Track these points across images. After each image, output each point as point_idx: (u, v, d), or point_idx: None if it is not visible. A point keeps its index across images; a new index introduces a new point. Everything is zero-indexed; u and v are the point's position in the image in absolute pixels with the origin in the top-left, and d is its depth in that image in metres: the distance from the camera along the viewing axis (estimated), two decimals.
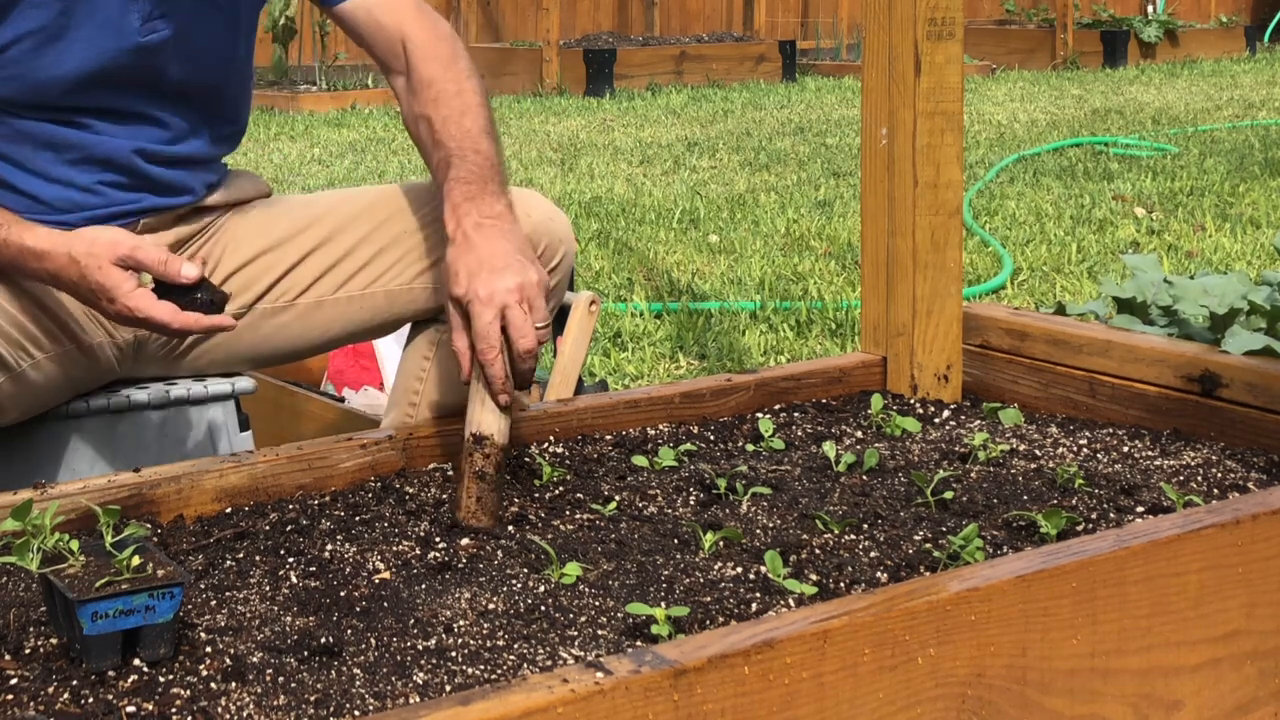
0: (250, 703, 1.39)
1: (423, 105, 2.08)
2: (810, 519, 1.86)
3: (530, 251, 1.96)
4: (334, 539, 1.80)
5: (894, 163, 2.40)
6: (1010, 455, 2.12)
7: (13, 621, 1.54)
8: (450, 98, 2.07)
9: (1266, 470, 2.06)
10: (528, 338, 1.88)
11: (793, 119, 8.94)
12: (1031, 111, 9.11)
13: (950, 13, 2.37)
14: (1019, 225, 5.53)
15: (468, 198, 1.98)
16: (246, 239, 2.19)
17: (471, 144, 2.03)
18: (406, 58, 2.12)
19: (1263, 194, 6.08)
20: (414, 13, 2.15)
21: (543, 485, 1.99)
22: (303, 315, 2.19)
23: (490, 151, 2.03)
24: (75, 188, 2.03)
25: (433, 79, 2.09)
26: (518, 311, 1.88)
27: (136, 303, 1.87)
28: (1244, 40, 13.44)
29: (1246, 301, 2.69)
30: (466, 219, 1.96)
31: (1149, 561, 1.61)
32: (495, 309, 1.88)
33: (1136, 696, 1.62)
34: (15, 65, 1.96)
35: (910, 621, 1.45)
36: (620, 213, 5.84)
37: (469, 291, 1.89)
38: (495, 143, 2.06)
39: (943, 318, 2.43)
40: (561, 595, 1.63)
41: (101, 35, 1.98)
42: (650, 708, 1.30)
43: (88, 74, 1.99)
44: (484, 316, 1.88)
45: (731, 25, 12.75)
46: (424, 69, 2.10)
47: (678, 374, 3.76)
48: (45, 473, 2.09)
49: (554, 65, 10.33)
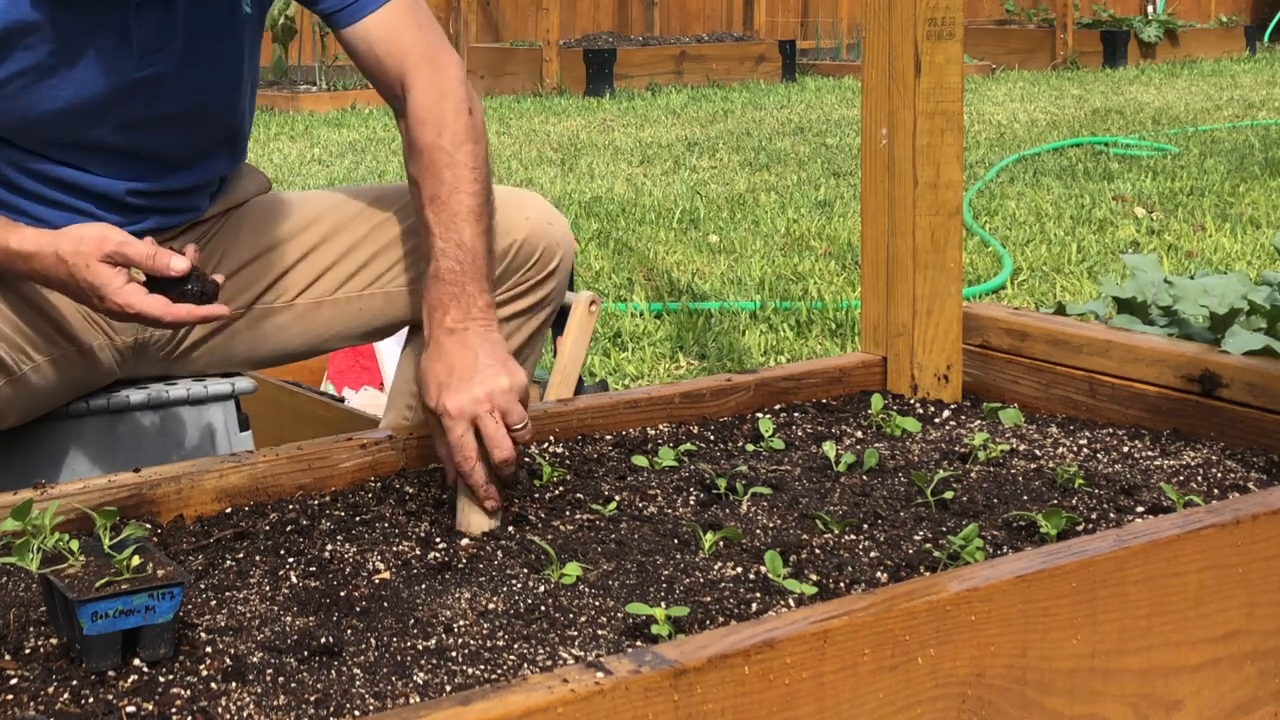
0: (250, 703, 1.39)
1: (415, 169, 2.01)
2: (810, 519, 1.86)
3: (504, 352, 1.91)
4: (334, 539, 1.80)
5: (894, 163, 2.40)
6: (1010, 455, 2.12)
7: (13, 621, 1.54)
8: (441, 170, 1.98)
9: (1266, 470, 2.06)
10: (502, 448, 1.84)
11: (793, 119, 8.94)
12: (1031, 111, 9.11)
13: (950, 13, 2.37)
14: (1019, 225, 5.53)
15: (445, 299, 1.92)
16: (246, 239, 2.19)
17: (455, 235, 1.94)
18: (405, 105, 2.04)
19: (1263, 194, 6.08)
20: (417, 59, 2.04)
21: (543, 485, 1.99)
22: (302, 315, 2.19)
23: (475, 243, 1.95)
24: (78, 213, 2.02)
25: (425, 146, 1.99)
26: (489, 421, 1.84)
27: (127, 299, 1.86)
28: (1244, 40, 13.44)
29: (1246, 301, 2.69)
30: (440, 324, 1.91)
31: (1149, 561, 1.61)
32: (465, 422, 1.84)
33: (1136, 696, 1.62)
34: (11, 101, 1.94)
35: (910, 621, 1.45)
36: (620, 213, 5.84)
37: (439, 405, 1.86)
38: (483, 222, 1.97)
39: (943, 318, 2.43)
40: (561, 595, 1.63)
41: (96, 71, 1.95)
42: (650, 708, 1.30)
43: (81, 109, 1.96)
44: (455, 430, 1.84)
45: (731, 25, 12.75)
46: (418, 132, 2.01)
47: (678, 374, 3.76)
48: (45, 473, 2.09)
49: (554, 65, 10.33)
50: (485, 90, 10.46)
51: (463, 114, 2.01)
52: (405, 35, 2.04)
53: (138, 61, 1.97)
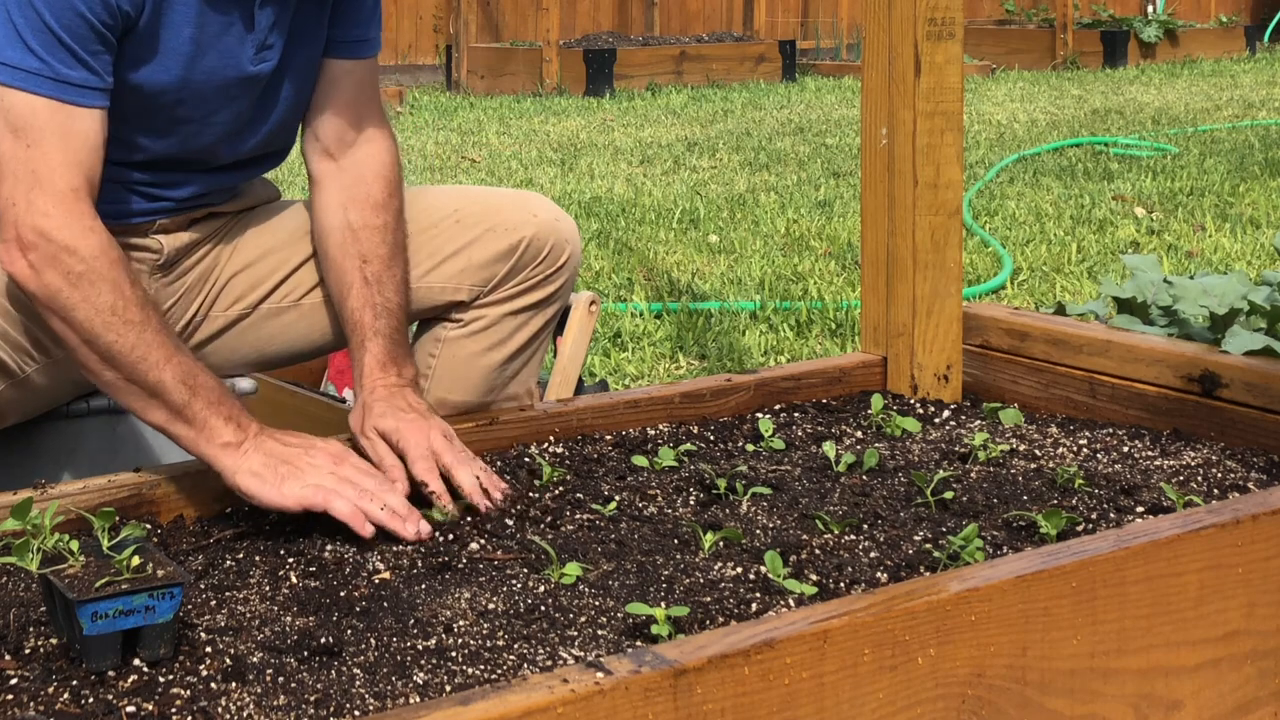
0: (250, 703, 1.39)
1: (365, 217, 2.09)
2: (810, 519, 1.86)
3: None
4: (334, 539, 1.80)
5: (894, 163, 2.40)
6: (1010, 455, 2.12)
7: (13, 621, 1.54)
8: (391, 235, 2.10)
9: (1266, 470, 2.06)
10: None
11: (793, 119, 8.94)
12: (1031, 111, 9.11)
13: (950, 13, 2.37)
14: (1019, 225, 5.53)
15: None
16: (252, 238, 2.19)
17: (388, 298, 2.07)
18: (346, 165, 2.12)
19: (1263, 194, 6.08)
20: (381, 115, 2.15)
21: (543, 485, 1.99)
22: (307, 315, 2.20)
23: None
24: (117, 168, 1.99)
25: (382, 202, 2.10)
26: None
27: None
28: (1244, 40, 13.44)
29: (1246, 301, 2.69)
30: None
31: (1149, 561, 1.61)
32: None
33: (1136, 696, 1.62)
34: (132, 71, 1.91)
35: (910, 621, 1.45)
36: (620, 213, 5.84)
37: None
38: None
39: (943, 318, 2.43)
40: (561, 595, 1.63)
41: (221, 60, 1.96)
42: (650, 708, 1.30)
43: (199, 92, 1.96)
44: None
45: (731, 25, 12.75)
46: (373, 186, 2.10)
47: (678, 374, 3.76)
48: (45, 473, 2.09)
49: (554, 65, 10.33)
50: (485, 90, 10.47)
51: (400, 199, 2.14)
52: (375, 87, 2.17)
53: (253, 56, 1.98)
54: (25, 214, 1.80)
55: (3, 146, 1.82)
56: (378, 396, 1.98)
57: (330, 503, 1.79)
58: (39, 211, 1.80)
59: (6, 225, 1.82)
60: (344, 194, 2.10)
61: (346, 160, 2.12)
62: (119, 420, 2.15)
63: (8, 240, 1.82)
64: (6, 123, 1.81)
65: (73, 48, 1.80)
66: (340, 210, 2.09)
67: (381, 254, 2.07)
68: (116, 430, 2.15)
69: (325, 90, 2.12)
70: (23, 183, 1.81)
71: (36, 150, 1.81)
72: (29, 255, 1.80)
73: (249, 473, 1.81)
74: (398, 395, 1.99)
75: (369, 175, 2.11)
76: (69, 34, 1.80)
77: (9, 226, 1.81)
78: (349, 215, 2.08)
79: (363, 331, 2.04)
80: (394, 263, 2.08)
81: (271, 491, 1.80)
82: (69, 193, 1.81)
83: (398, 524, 1.80)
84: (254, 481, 1.80)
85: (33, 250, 1.80)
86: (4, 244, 1.82)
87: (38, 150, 1.81)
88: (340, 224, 2.09)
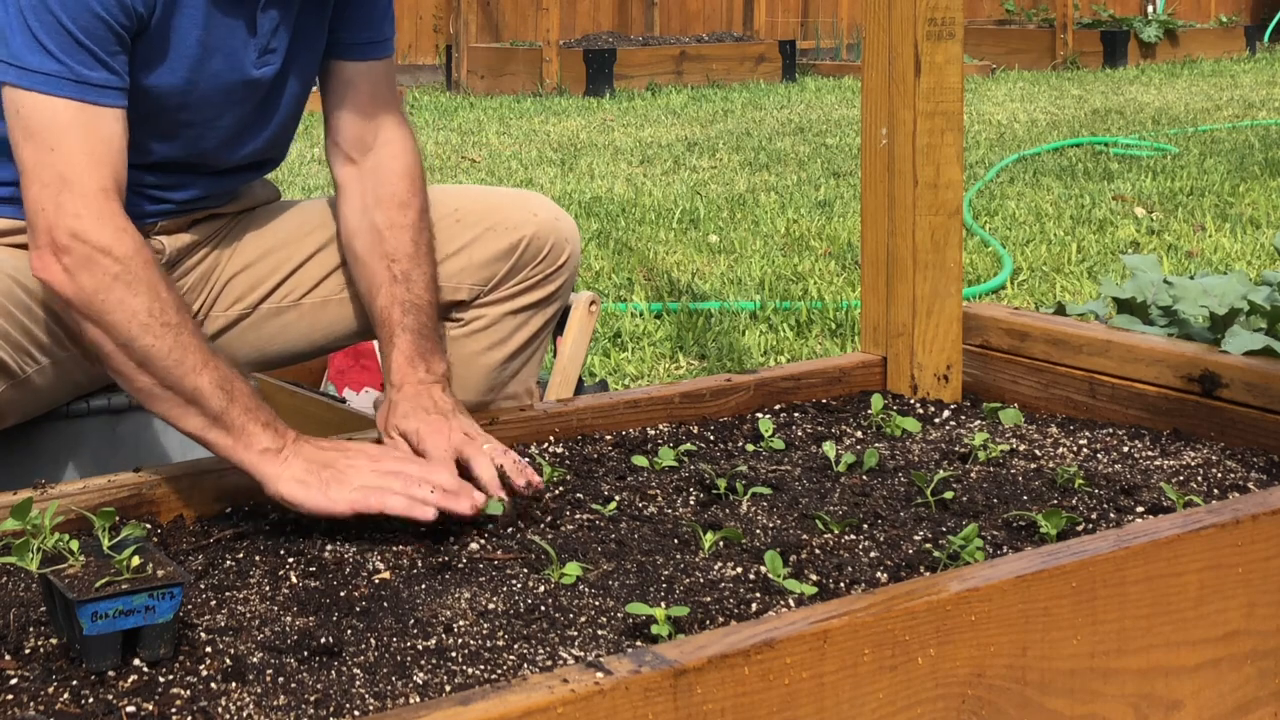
0: (250, 703, 1.39)
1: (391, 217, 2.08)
2: (810, 519, 1.86)
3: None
4: (334, 539, 1.80)
5: (894, 163, 2.40)
6: (1010, 455, 2.12)
7: (13, 621, 1.54)
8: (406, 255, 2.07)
9: (1266, 470, 2.06)
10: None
11: (793, 119, 8.94)
12: (1031, 111, 9.11)
13: (950, 13, 2.37)
14: (1019, 225, 5.53)
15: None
16: (253, 238, 2.19)
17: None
18: (367, 168, 2.10)
19: (1263, 194, 6.08)
20: (400, 113, 2.13)
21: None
22: (308, 315, 2.20)
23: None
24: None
25: (406, 200, 2.09)
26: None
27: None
28: (1244, 40, 13.44)
29: (1246, 301, 2.69)
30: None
31: (1149, 561, 1.61)
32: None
33: (1136, 696, 1.62)
34: (143, 73, 1.91)
35: (910, 621, 1.45)
36: (620, 213, 5.84)
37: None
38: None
39: (943, 318, 2.43)
40: (561, 595, 1.63)
41: (225, 63, 1.95)
42: (650, 708, 1.30)
43: (202, 95, 1.96)
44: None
45: (731, 25, 12.75)
46: (381, 213, 2.07)
47: (678, 374, 3.76)
48: (45, 473, 2.09)
49: (554, 65, 10.33)
50: (485, 90, 10.46)
51: (425, 200, 2.12)
52: (393, 87, 2.15)
53: (256, 60, 1.98)
54: (56, 217, 1.77)
55: (24, 154, 1.79)
56: (404, 395, 1.97)
57: (384, 502, 1.76)
58: (70, 214, 1.77)
59: (39, 232, 1.79)
60: (368, 196, 2.09)
61: (368, 162, 2.11)
62: (119, 420, 2.15)
63: (40, 247, 1.79)
64: (24, 129, 1.79)
65: (92, 49, 1.79)
66: (365, 212, 2.08)
67: (408, 251, 2.05)
68: (116, 430, 2.15)
69: (341, 93, 2.11)
70: (50, 187, 1.78)
71: (60, 153, 1.78)
72: (63, 259, 1.77)
73: (293, 480, 1.77)
74: (424, 393, 1.96)
75: (391, 175, 2.10)
76: (87, 35, 1.79)
77: (41, 233, 1.78)
78: (374, 216, 2.07)
79: (391, 327, 2.02)
80: (421, 259, 2.06)
81: (319, 498, 1.76)
82: (99, 193, 1.79)
83: (452, 502, 1.77)
84: (300, 489, 1.77)
85: (67, 254, 1.77)
86: (36, 251, 1.79)
87: (61, 153, 1.78)
88: (366, 225, 2.08)
